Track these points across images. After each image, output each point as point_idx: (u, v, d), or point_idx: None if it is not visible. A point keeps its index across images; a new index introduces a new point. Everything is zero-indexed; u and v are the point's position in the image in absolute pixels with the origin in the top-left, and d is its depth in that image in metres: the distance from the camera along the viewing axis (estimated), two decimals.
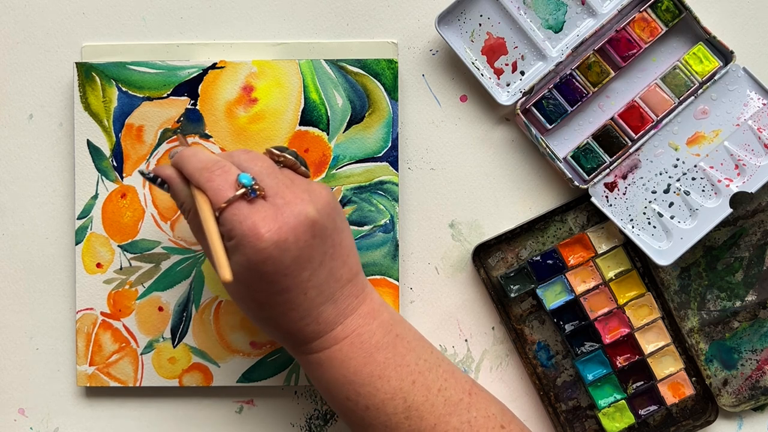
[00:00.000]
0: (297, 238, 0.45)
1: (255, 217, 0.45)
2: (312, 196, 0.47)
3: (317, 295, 0.47)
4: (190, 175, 0.47)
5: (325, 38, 0.58)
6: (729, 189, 0.56)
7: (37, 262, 0.58)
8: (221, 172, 0.46)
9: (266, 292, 0.46)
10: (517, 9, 0.56)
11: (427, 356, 0.49)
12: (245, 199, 0.45)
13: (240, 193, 0.45)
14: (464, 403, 0.49)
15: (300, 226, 0.45)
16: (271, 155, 0.49)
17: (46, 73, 0.58)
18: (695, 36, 0.57)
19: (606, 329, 0.57)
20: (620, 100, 0.57)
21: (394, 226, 0.57)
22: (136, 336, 0.57)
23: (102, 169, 0.57)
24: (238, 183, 0.45)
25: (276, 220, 0.45)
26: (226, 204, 0.45)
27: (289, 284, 0.46)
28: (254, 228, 0.44)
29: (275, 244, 0.44)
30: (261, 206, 0.45)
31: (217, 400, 0.59)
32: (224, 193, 0.45)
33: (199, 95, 0.56)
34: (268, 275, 0.45)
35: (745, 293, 0.58)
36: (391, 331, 0.49)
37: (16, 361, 0.59)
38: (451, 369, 0.50)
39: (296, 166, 0.49)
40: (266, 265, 0.45)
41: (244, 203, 0.45)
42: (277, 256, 0.45)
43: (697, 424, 0.58)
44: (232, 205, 0.45)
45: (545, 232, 0.58)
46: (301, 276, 0.46)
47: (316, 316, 0.47)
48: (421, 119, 0.58)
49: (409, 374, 0.48)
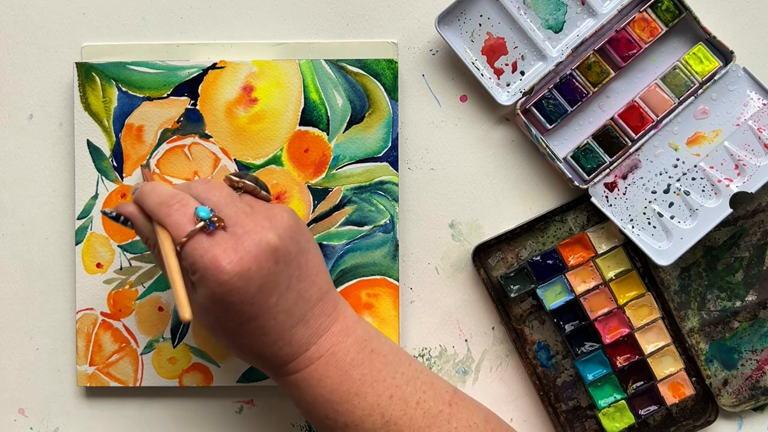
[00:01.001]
0: (260, 266, 0.45)
1: (215, 249, 0.44)
2: (273, 221, 0.46)
3: (287, 318, 0.47)
4: (150, 211, 0.47)
5: (325, 38, 0.58)
6: (729, 189, 0.56)
7: (37, 262, 0.58)
8: (179, 206, 0.46)
9: (235, 321, 0.46)
10: (517, 9, 0.56)
11: (404, 369, 0.49)
12: (205, 232, 0.45)
13: (199, 226, 0.45)
14: (444, 414, 0.49)
15: (262, 253, 0.45)
16: (230, 182, 0.49)
17: (46, 73, 0.58)
18: (695, 36, 0.57)
19: (606, 329, 0.57)
20: (620, 100, 0.57)
21: (394, 226, 0.57)
22: (136, 336, 0.57)
23: (102, 169, 0.57)
24: (197, 216, 0.45)
25: (237, 250, 0.45)
26: (187, 238, 0.45)
27: (257, 312, 0.46)
28: (215, 261, 0.44)
29: (238, 275, 0.44)
30: (221, 238, 0.45)
31: (217, 400, 0.59)
32: (184, 227, 0.45)
33: (199, 95, 0.56)
34: (234, 305, 0.45)
35: (745, 293, 0.58)
36: (366, 347, 0.49)
37: (16, 361, 0.59)
38: (430, 380, 0.50)
39: (256, 191, 0.49)
40: (231, 296, 0.45)
41: (204, 236, 0.45)
42: (242, 286, 0.45)
43: (697, 424, 0.58)
44: (193, 239, 0.45)
45: (545, 232, 0.58)
46: (268, 302, 0.46)
47: (289, 339, 0.47)
48: (421, 119, 0.58)
49: (386, 389, 0.48)
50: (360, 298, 0.57)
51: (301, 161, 0.57)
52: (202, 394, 0.59)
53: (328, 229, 0.57)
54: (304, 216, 0.57)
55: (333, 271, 0.57)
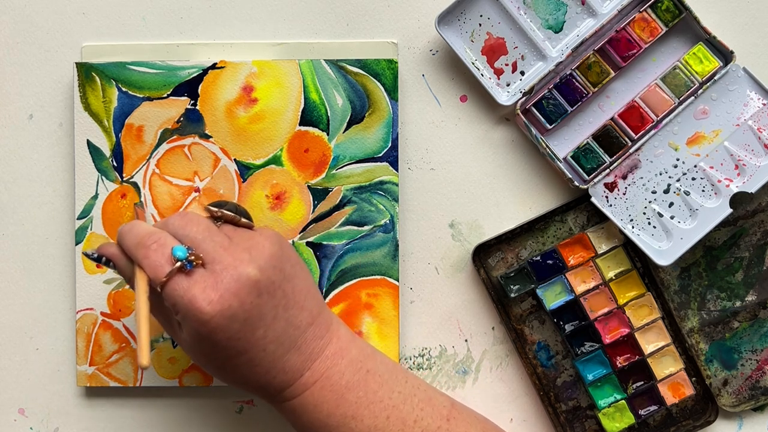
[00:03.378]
0: (241, 301, 0.44)
1: (194, 289, 0.44)
2: (253, 253, 0.46)
3: (277, 348, 0.46)
4: (129, 253, 0.46)
5: (325, 38, 0.58)
6: (729, 189, 0.56)
7: (37, 262, 0.58)
8: (157, 246, 0.45)
9: (223, 357, 0.46)
10: (517, 9, 0.56)
11: (400, 388, 0.49)
12: (183, 272, 0.44)
13: (176, 267, 0.44)
14: (442, 430, 0.49)
15: (242, 289, 0.44)
16: (209, 213, 0.48)
17: (46, 73, 0.58)
18: (695, 36, 0.57)
19: (606, 329, 0.57)
20: (620, 100, 0.57)
21: (394, 226, 0.57)
22: (136, 336, 0.57)
23: (102, 169, 0.57)
24: (173, 257, 0.44)
25: (216, 288, 0.44)
26: (166, 279, 0.44)
27: (244, 346, 0.45)
28: (194, 302, 0.44)
29: (219, 313, 0.44)
30: (200, 276, 0.44)
31: (217, 400, 0.59)
32: (162, 268, 0.44)
33: (199, 95, 0.56)
34: (220, 343, 0.45)
35: (745, 293, 0.58)
36: (362, 368, 0.48)
37: (16, 361, 0.59)
38: (427, 396, 0.50)
39: (236, 220, 0.48)
40: (216, 335, 0.44)
41: (183, 276, 0.44)
42: (225, 324, 0.44)
43: (697, 424, 0.58)
44: (171, 280, 0.44)
45: (545, 232, 0.58)
46: (255, 335, 0.45)
47: (282, 367, 0.47)
48: (421, 119, 0.58)
49: (383, 410, 0.48)
50: (360, 298, 0.57)
51: (301, 161, 0.57)
52: (202, 394, 0.59)
53: (328, 229, 0.57)
54: (304, 216, 0.57)
55: (333, 271, 0.57)
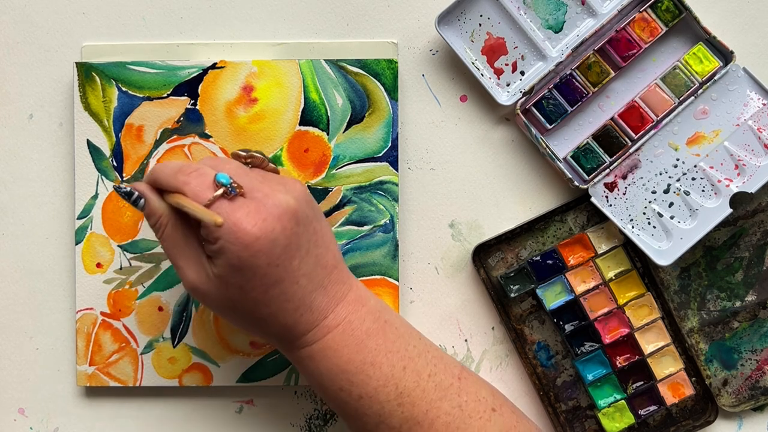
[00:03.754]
0: (283, 226, 0.45)
1: (238, 213, 0.45)
2: (287, 186, 0.47)
3: (308, 283, 0.47)
4: (166, 182, 0.47)
5: (325, 38, 0.58)
6: (729, 189, 0.56)
7: (37, 262, 0.58)
8: (197, 174, 0.46)
9: (260, 287, 0.46)
10: (517, 9, 0.56)
11: (415, 342, 0.50)
12: (226, 198, 0.45)
13: (220, 192, 0.45)
14: (454, 387, 0.49)
15: (284, 214, 0.45)
16: (238, 158, 0.49)
17: (46, 73, 0.58)
18: (695, 36, 0.57)
19: (606, 329, 0.57)
20: (620, 100, 0.57)
21: (394, 226, 0.57)
22: (136, 336, 0.57)
23: (102, 169, 0.57)
24: (217, 183, 0.45)
25: (260, 212, 0.45)
26: (208, 204, 0.45)
27: (281, 275, 0.46)
28: (239, 224, 0.44)
29: (264, 235, 0.45)
30: (242, 202, 0.45)
31: (217, 400, 0.59)
32: (203, 194, 0.45)
33: (199, 95, 0.56)
34: (260, 269, 0.45)
35: (745, 293, 0.58)
36: (380, 318, 0.49)
37: (16, 361, 0.59)
38: (439, 354, 0.50)
39: (264, 164, 0.49)
40: (258, 259, 0.45)
41: (225, 202, 0.45)
42: (268, 247, 0.45)
43: (696, 424, 0.58)
44: (213, 206, 0.45)
45: (545, 232, 0.58)
46: (291, 265, 0.46)
47: (309, 304, 0.47)
48: (421, 119, 0.58)
49: (400, 360, 0.48)
50: None
51: (301, 161, 0.57)
52: (202, 394, 0.59)
53: None
54: None
55: None
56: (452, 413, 0.48)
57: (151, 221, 0.48)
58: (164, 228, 0.47)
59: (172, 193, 0.46)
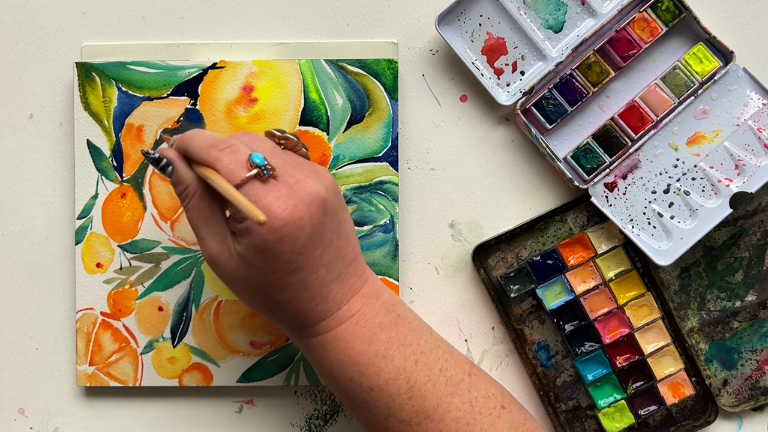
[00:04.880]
0: (311, 215, 0.45)
1: (270, 196, 0.44)
2: (318, 174, 0.47)
3: (327, 273, 0.47)
4: (197, 154, 0.46)
5: (325, 38, 0.58)
6: (729, 189, 0.56)
7: (37, 262, 0.58)
8: (230, 151, 0.45)
9: (280, 272, 0.46)
10: (517, 9, 0.56)
11: (427, 337, 0.50)
12: (258, 179, 0.45)
13: (254, 173, 0.44)
14: (465, 383, 0.49)
15: (314, 203, 0.45)
16: (272, 137, 0.49)
17: (46, 73, 0.58)
18: (695, 36, 0.57)
19: (606, 329, 0.57)
20: (620, 100, 0.57)
21: (394, 226, 0.57)
22: (136, 336, 0.57)
23: (102, 169, 0.57)
24: (251, 163, 0.45)
25: (290, 197, 0.45)
26: (241, 183, 0.44)
27: (303, 262, 0.46)
28: (270, 207, 0.44)
29: (292, 221, 0.44)
30: (274, 185, 0.45)
31: (217, 400, 0.59)
32: (236, 173, 0.45)
33: (199, 95, 0.56)
34: (284, 254, 0.45)
35: (745, 293, 0.58)
36: (393, 311, 0.49)
37: (16, 361, 0.59)
38: (450, 350, 0.50)
39: (297, 148, 0.49)
40: (282, 244, 0.45)
41: (258, 183, 0.45)
42: (294, 234, 0.45)
43: (696, 424, 0.58)
44: (247, 185, 0.44)
45: (545, 232, 0.58)
46: (314, 254, 0.46)
47: (325, 294, 0.47)
48: (421, 119, 0.58)
49: (412, 354, 0.48)
50: None
51: None
52: (202, 394, 0.59)
53: None
54: None
55: None
56: (462, 408, 0.48)
57: (178, 189, 0.47)
58: (191, 198, 0.47)
59: (206, 168, 0.45)
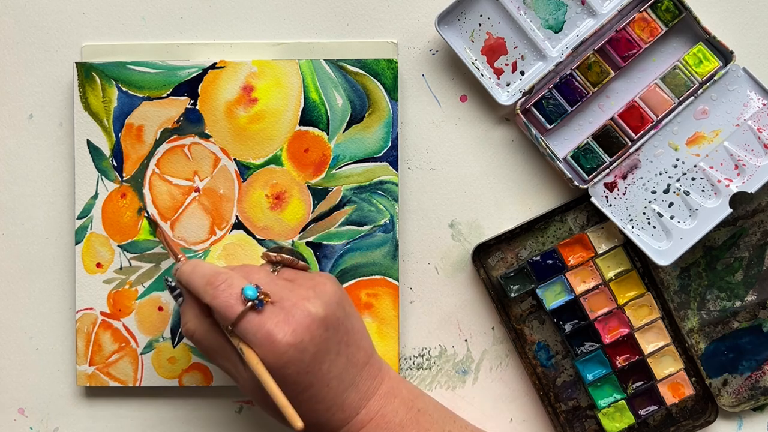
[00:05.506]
0: (312, 336, 0.46)
1: (268, 324, 0.46)
2: (317, 290, 0.48)
3: (339, 384, 0.48)
4: (197, 294, 0.48)
5: (325, 38, 0.58)
6: (729, 189, 0.56)
7: (37, 262, 0.58)
8: (225, 286, 0.47)
9: (289, 393, 0.47)
10: (517, 9, 0.56)
11: (450, 427, 0.50)
12: (254, 311, 0.46)
13: (249, 306, 0.46)
14: None
15: (313, 323, 0.46)
16: (268, 258, 0.50)
17: (46, 73, 0.58)
18: (695, 36, 0.57)
19: (606, 329, 0.57)
20: (620, 100, 0.57)
21: (394, 226, 0.57)
22: (135, 336, 0.57)
23: (102, 168, 0.57)
24: (244, 297, 0.46)
25: (289, 322, 0.46)
26: (238, 319, 0.46)
27: (311, 381, 0.47)
28: (270, 336, 0.45)
29: (294, 346, 0.45)
30: (271, 313, 0.46)
31: (217, 400, 0.59)
32: (233, 308, 0.46)
33: (199, 95, 0.56)
34: (290, 377, 0.46)
35: (744, 293, 0.58)
36: (413, 407, 0.50)
37: (16, 361, 0.59)
38: None
39: (294, 263, 0.50)
40: (288, 368, 0.46)
41: (254, 314, 0.46)
42: (297, 357, 0.46)
43: (696, 424, 0.58)
44: (245, 318, 0.46)
45: (545, 232, 0.58)
46: (321, 370, 0.47)
47: (341, 404, 0.48)
48: (421, 119, 0.58)
49: None
50: (360, 298, 0.57)
51: (301, 161, 0.57)
52: (202, 394, 0.59)
53: (328, 229, 0.57)
54: (304, 216, 0.57)
55: (333, 271, 0.57)
56: None
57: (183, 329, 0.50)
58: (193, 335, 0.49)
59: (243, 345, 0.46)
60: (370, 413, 0.48)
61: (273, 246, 0.51)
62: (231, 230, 0.57)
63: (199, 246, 0.57)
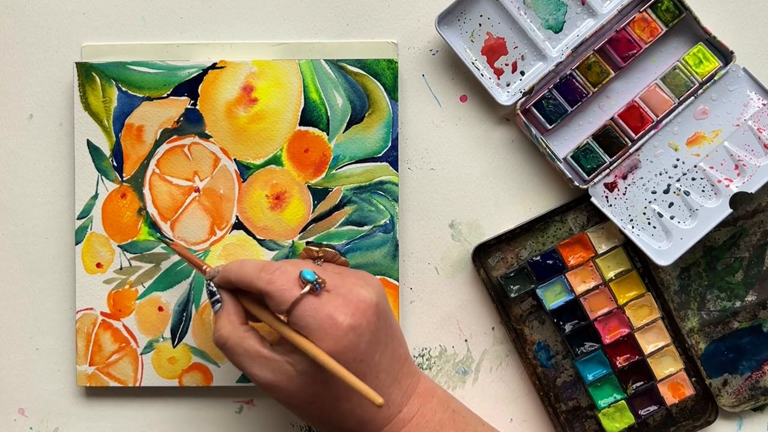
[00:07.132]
0: (368, 321, 0.46)
1: (328, 307, 0.46)
2: (366, 280, 0.48)
3: (386, 377, 0.48)
4: (248, 282, 0.47)
5: (325, 38, 0.58)
6: (729, 189, 0.56)
7: (37, 262, 0.58)
8: (280, 272, 0.47)
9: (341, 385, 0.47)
10: (517, 9, 0.56)
11: (481, 429, 0.50)
12: (313, 294, 0.46)
13: (308, 289, 0.46)
14: None
15: (369, 309, 0.46)
16: (309, 253, 0.50)
17: (46, 73, 0.58)
18: (695, 36, 0.57)
19: (606, 329, 0.57)
20: (620, 100, 0.57)
21: (394, 226, 0.57)
22: (136, 336, 0.57)
23: (102, 169, 0.57)
24: (303, 280, 0.46)
25: (348, 306, 0.46)
26: (297, 301, 0.46)
27: (364, 370, 0.46)
28: (331, 318, 0.45)
29: (353, 329, 0.45)
30: (329, 297, 0.46)
31: (217, 400, 0.59)
32: (290, 291, 0.46)
33: (199, 95, 0.56)
34: (348, 364, 0.46)
35: (745, 293, 0.58)
36: (448, 407, 0.50)
37: (16, 361, 0.59)
38: None
39: (336, 258, 0.51)
40: (346, 354, 0.45)
41: (313, 297, 0.46)
42: (355, 342, 0.46)
43: (696, 424, 0.58)
44: (303, 301, 0.46)
45: (545, 232, 0.58)
46: (374, 359, 0.47)
47: (387, 399, 0.48)
48: (421, 119, 0.58)
49: None
50: None
51: (301, 161, 0.57)
52: (202, 394, 0.59)
53: (328, 229, 0.57)
54: (304, 216, 0.57)
55: None
56: None
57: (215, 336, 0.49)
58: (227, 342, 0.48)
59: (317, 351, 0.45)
60: (411, 411, 0.48)
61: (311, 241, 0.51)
62: (231, 230, 0.57)
63: (199, 246, 0.57)
